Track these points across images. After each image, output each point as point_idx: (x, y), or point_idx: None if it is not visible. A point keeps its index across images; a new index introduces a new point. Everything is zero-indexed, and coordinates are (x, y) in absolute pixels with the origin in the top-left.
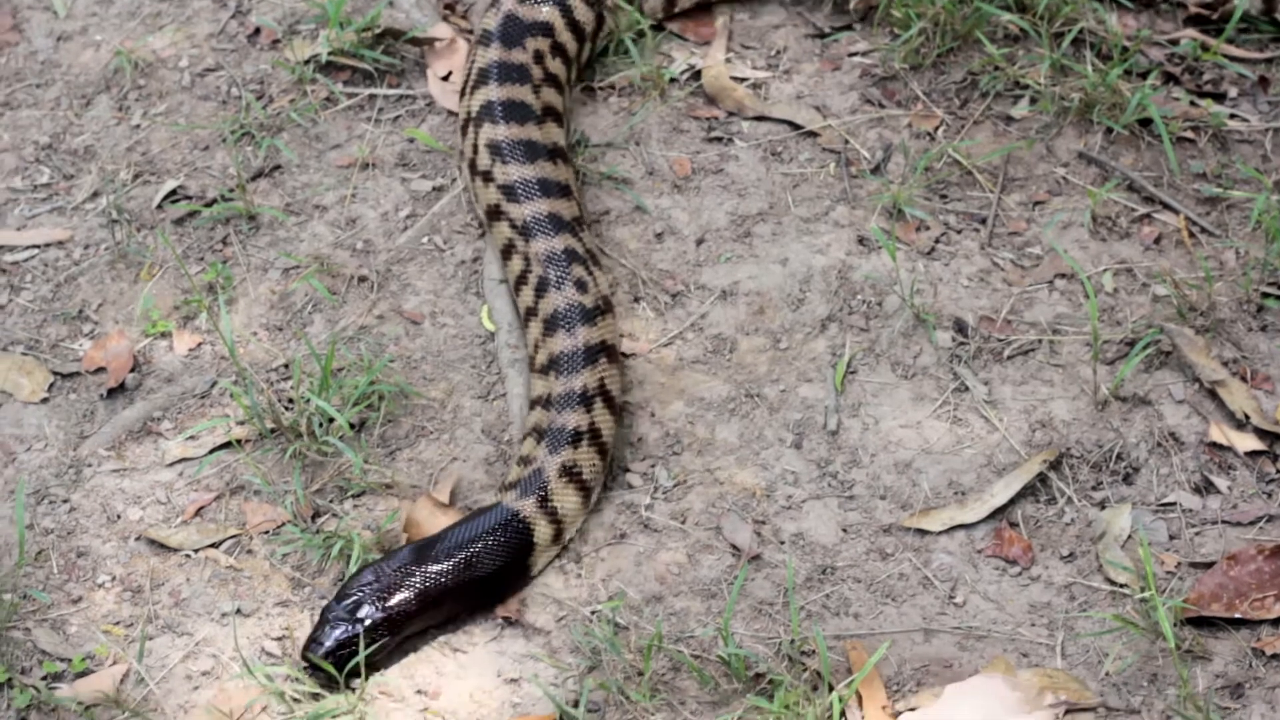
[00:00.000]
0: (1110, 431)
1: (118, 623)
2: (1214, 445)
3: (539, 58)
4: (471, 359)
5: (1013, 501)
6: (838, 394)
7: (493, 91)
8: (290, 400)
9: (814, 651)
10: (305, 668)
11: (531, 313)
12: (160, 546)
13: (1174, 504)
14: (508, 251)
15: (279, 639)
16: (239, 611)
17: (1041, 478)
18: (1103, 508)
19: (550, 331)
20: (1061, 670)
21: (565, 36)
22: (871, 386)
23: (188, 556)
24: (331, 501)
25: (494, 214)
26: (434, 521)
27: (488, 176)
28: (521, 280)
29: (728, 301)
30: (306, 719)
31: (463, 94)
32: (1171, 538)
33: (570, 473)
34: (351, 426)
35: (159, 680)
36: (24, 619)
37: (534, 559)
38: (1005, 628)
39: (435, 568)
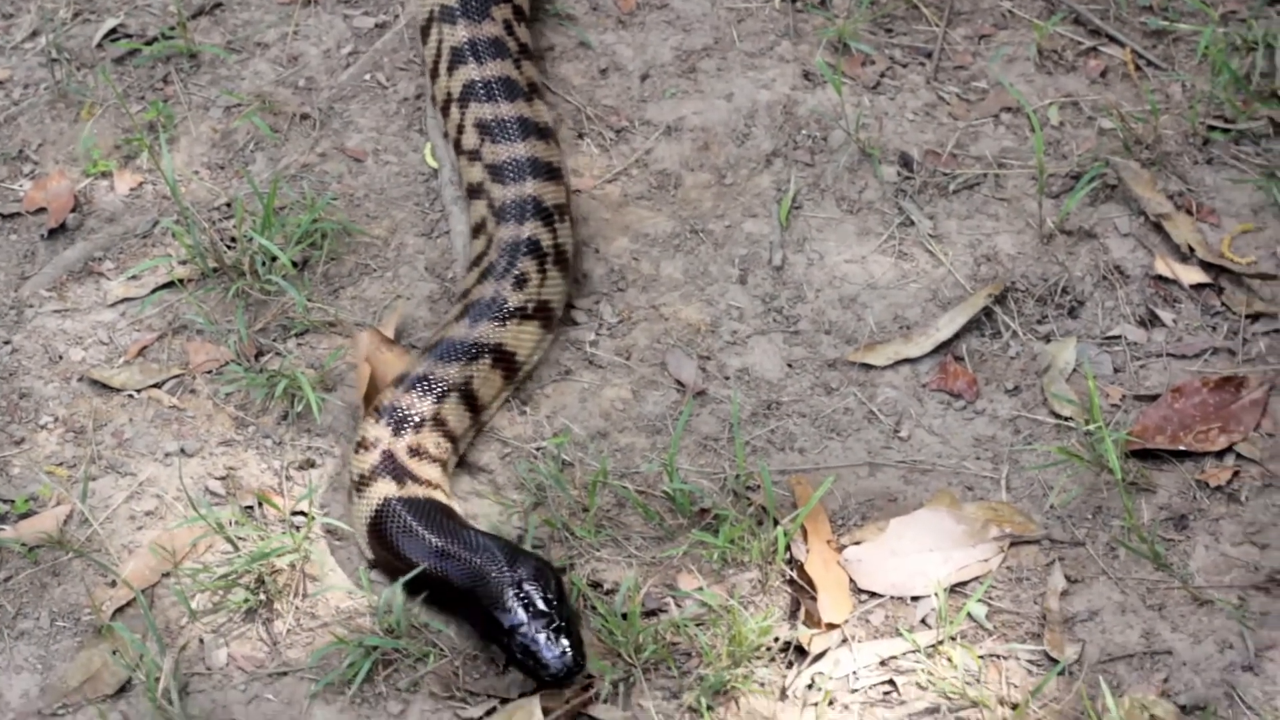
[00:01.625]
0: (1055, 265)
1: (61, 464)
2: (1159, 278)
3: None
4: (414, 196)
5: (958, 336)
6: (783, 229)
7: None
8: (233, 239)
9: (759, 486)
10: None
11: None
12: (103, 387)
13: (1119, 337)
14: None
15: (223, 478)
16: (183, 451)
17: (986, 312)
18: (1048, 341)
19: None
20: (1006, 503)
21: None
22: (816, 222)
23: (131, 397)
24: (275, 340)
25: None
26: (380, 357)
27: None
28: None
29: (672, 137)
30: (251, 558)
31: None
32: (1116, 371)
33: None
34: (294, 265)
35: (103, 521)
36: None
37: None
38: (950, 461)
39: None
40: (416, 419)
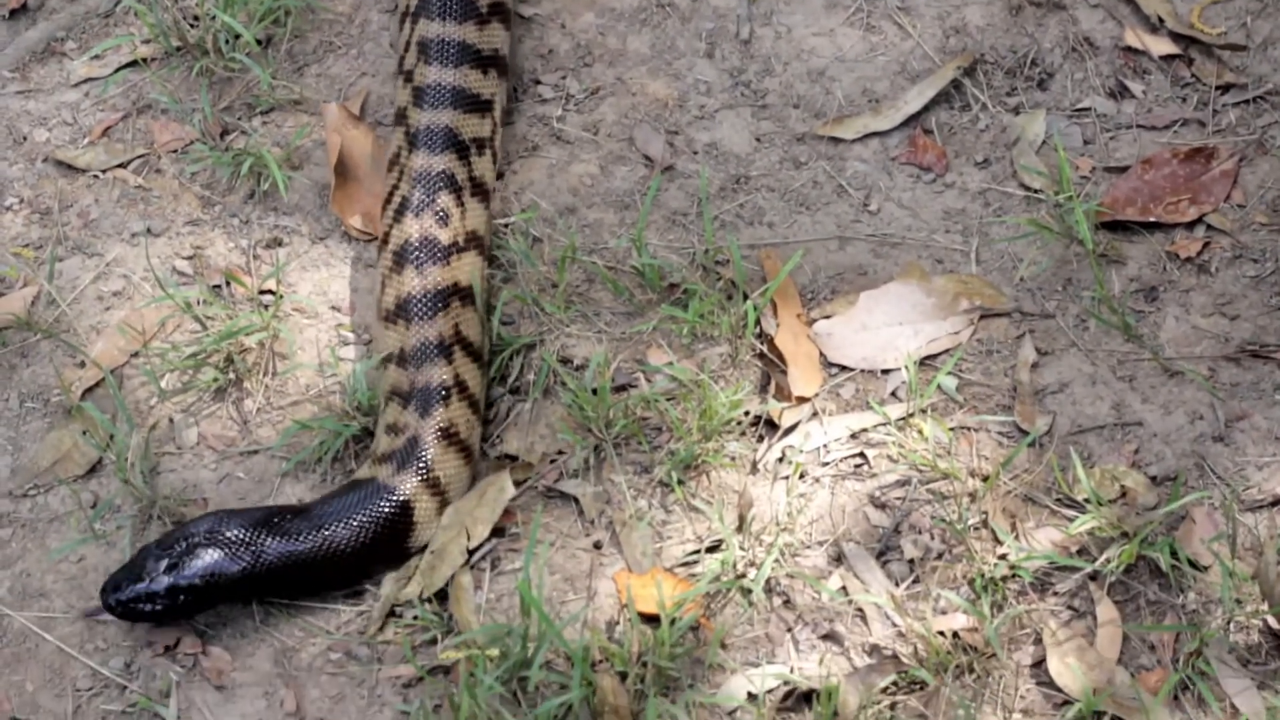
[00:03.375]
0: (1025, 37)
1: (27, 245)
2: (1128, 49)
3: None
4: None
5: (927, 108)
6: (750, 2)
7: None
8: (195, 17)
9: (728, 261)
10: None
11: None
12: (68, 168)
13: (1088, 109)
14: None
15: (190, 258)
16: (149, 231)
17: (956, 84)
18: (1017, 113)
19: None
20: (976, 276)
21: None
22: None
23: (96, 177)
24: (240, 119)
25: None
26: (348, 134)
27: None
28: None
29: None
30: (220, 336)
31: None
32: (1086, 143)
33: None
34: (258, 42)
35: (70, 301)
36: None
37: None
38: (919, 234)
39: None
40: None
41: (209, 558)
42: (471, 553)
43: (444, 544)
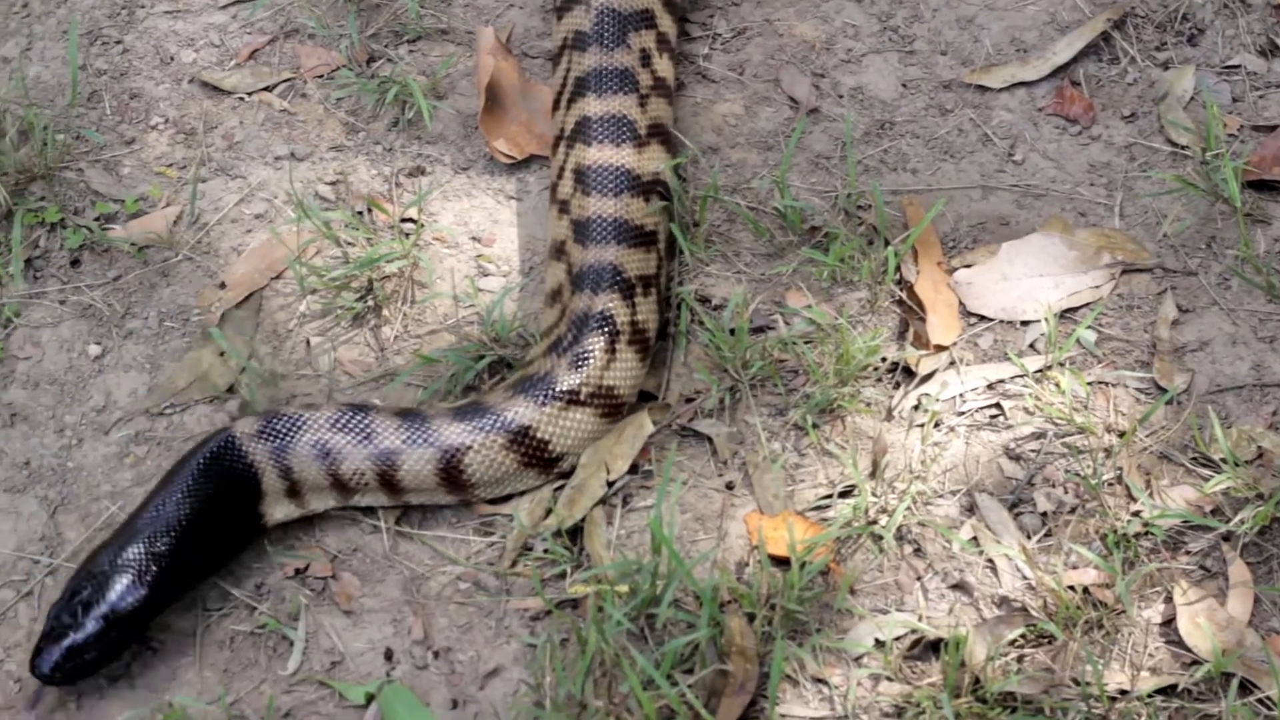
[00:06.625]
0: None
1: (171, 165)
2: None
3: None
4: None
5: (1075, 60)
6: None
7: None
8: None
9: (870, 206)
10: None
11: None
12: (214, 89)
13: (1238, 66)
14: None
15: (333, 183)
16: (293, 155)
17: (1105, 37)
18: (1166, 68)
19: None
20: (1119, 230)
21: None
22: None
23: (241, 99)
24: (386, 46)
25: None
26: (497, 64)
27: None
28: None
29: None
30: (360, 263)
31: None
32: (1235, 100)
33: None
34: None
35: (213, 223)
36: (76, 159)
37: None
38: (1064, 187)
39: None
40: None
41: (122, 582)
42: (609, 486)
43: (584, 480)
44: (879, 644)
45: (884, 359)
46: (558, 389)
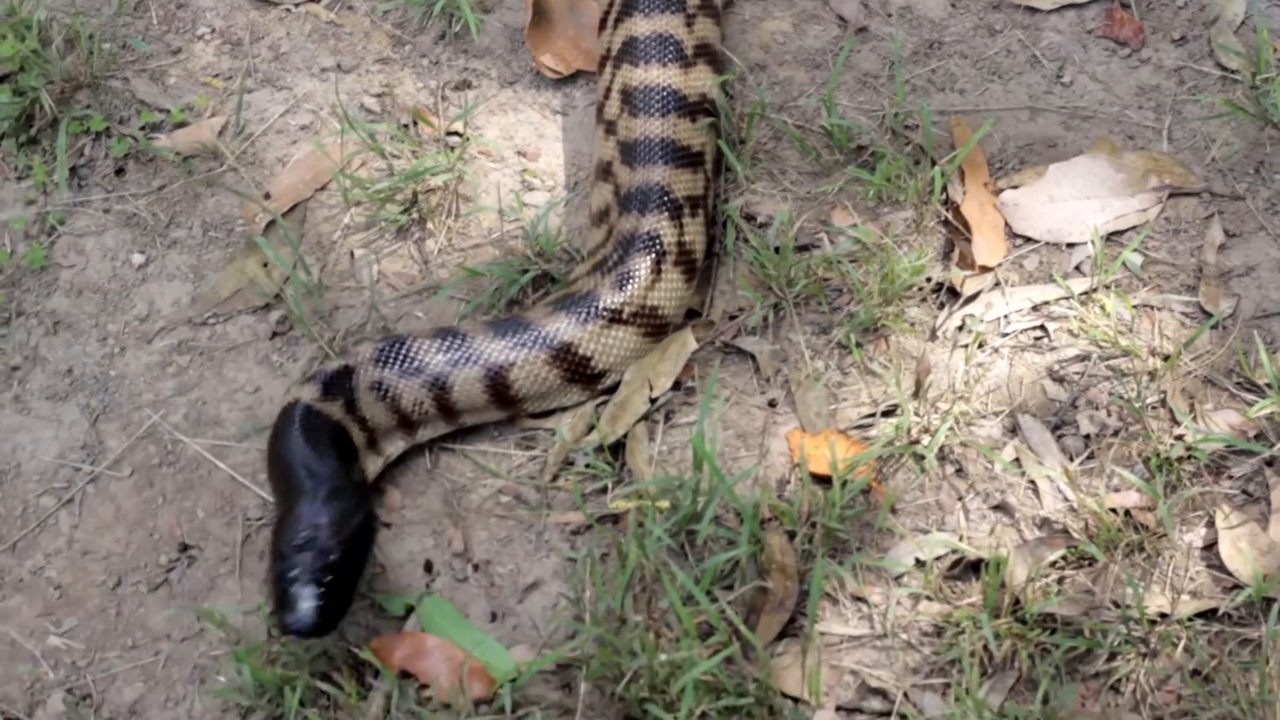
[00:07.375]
0: None
1: (217, 75)
2: None
3: None
4: None
5: None
6: None
7: None
8: None
9: (917, 125)
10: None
11: None
12: (260, 0)
13: None
14: None
15: (378, 96)
16: (339, 67)
17: None
18: None
19: None
20: (1167, 154)
21: None
22: None
23: (288, 11)
24: None
25: None
26: None
27: None
28: None
29: None
30: (405, 175)
31: None
32: None
33: None
34: None
35: (258, 134)
36: (122, 69)
37: None
38: (1112, 109)
39: None
40: None
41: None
42: (652, 402)
43: (627, 396)
44: (919, 563)
45: (929, 279)
46: (600, 307)
